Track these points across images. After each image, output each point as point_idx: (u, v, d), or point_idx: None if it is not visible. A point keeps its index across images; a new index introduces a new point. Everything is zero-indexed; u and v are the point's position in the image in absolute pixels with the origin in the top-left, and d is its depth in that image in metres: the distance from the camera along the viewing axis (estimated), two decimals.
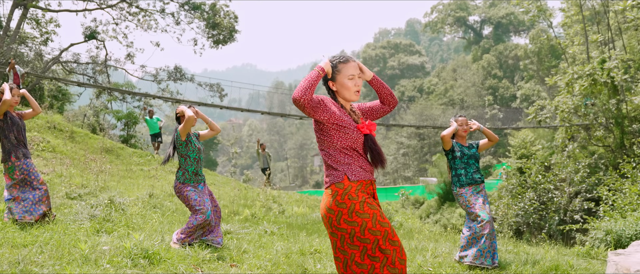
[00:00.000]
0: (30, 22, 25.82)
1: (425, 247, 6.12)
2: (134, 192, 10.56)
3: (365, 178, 3.09)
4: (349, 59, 3.28)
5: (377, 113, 3.42)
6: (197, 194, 5.41)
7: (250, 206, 10.33)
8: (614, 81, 18.24)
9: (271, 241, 5.81)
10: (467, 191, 5.89)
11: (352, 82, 3.22)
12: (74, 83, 25.08)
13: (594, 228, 11.20)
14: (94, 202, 5.79)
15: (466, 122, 6.00)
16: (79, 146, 14.21)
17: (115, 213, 5.71)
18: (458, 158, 5.95)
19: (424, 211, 29.65)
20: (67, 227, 4.94)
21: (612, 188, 14.43)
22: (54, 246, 4.00)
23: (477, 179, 5.93)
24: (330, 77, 3.27)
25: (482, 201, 5.85)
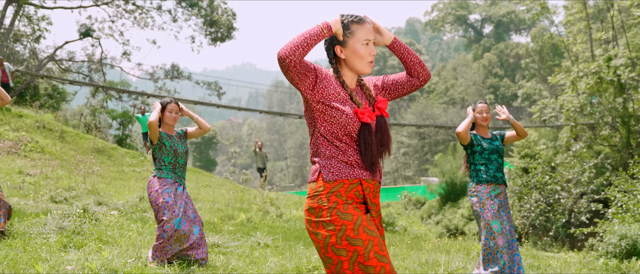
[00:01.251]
0: (22, 20, 25.32)
1: (436, 261, 5.58)
2: (124, 194, 10.08)
3: (348, 177, 2.40)
4: (364, 19, 2.54)
5: (403, 88, 2.68)
6: (170, 195, 4.72)
7: (246, 210, 9.84)
8: (620, 79, 17.85)
9: (264, 255, 5.26)
10: (484, 189, 5.09)
11: (366, 49, 2.50)
12: (66, 81, 24.56)
13: (605, 231, 10.73)
14: (66, 211, 5.24)
15: (487, 109, 5.19)
16: (69, 146, 13.69)
17: (88, 224, 5.14)
18: (477, 153, 5.18)
19: (425, 212, 29.18)
20: (29, 242, 4.35)
21: (622, 189, 13.96)
22: (8, 266, 3.48)
23: (499, 178, 5.13)
24: (339, 40, 2.52)
25: (498, 207, 5.04)
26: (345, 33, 2.50)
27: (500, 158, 5.22)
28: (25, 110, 15.29)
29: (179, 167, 4.95)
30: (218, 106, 27.29)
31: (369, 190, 2.47)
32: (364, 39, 2.49)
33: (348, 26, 2.50)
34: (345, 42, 2.50)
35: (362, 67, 2.52)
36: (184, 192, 4.90)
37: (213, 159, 67.31)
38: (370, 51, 2.52)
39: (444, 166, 29.01)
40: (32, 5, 24.80)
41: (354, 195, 2.42)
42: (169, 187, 4.80)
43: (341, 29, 2.50)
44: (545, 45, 46.57)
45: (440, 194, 28.94)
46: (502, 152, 5.24)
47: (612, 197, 13.70)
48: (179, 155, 4.95)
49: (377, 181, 2.53)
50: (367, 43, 2.50)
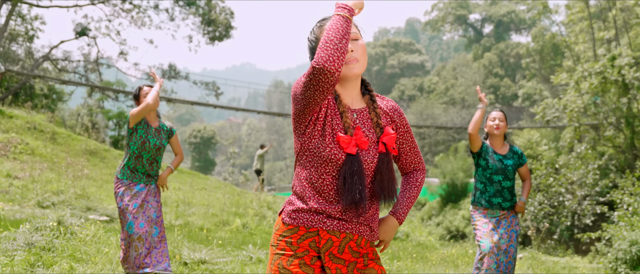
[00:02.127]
0: (15, 18, 24.98)
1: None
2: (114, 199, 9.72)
3: (306, 224, 1.98)
4: (326, 18, 2.13)
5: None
6: (126, 198, 4.32)
7: (242, 215, 9.48)
8: (625, 79, 17.56)
9: (255, 271, 4.88)
10: (477, 213, 4.59)
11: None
12: (58, 81, 24.19)
13: (613, 236, 10.39)
14: (40, 224, 4.83)
15: (500, 118, 4.66)
16: (60, 147, 13.32)
17: (61, 239, 4.73)
18: (481, 168, 4.61)
19: (425, 213, 28.88)
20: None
21: (628, 192, 13.62)
22: None
23: (496, 204, 4.51)
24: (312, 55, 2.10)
25: (493, 227, 4.46)
26: (315, 44, 2.12)
27: (507, 181, 4.59)
28: (16, 111, 14.92)
29: (143, 162, 4.45)
30: (215, 107, 26.97)
31: (329, 245, 1.99)
32: None
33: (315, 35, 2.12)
34: None
35: (344, 71, 2.05)
36: (144, 190, 4.43)
37: (212, 160, 67.05)
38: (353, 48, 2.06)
39: (445, 166, 28.70)
40: (27, 4, 24.46)
41: (308, 246, 1.99)
42: (123, 189, 4.39)
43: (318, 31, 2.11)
44: (546, 45, 46.27)
45: (440, 195, 28.63)
46: (510, 175, 4.60)
47: (618, 200, 13.37)
48: (146, 149, 4.45)
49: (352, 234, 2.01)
50: None
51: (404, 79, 69.04)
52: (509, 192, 4.58)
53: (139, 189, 4.40)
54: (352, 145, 1.98)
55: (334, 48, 1.85)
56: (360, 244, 2.05)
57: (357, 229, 2.03)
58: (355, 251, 2.04)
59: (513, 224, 4.56)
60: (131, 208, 4.28)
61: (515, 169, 4.63)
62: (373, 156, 2.04)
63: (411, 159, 2.25)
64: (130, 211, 4.28)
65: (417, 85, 66.16)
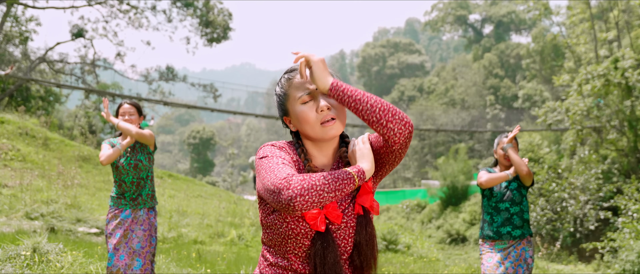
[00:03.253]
0: (10, 20, 24.72)
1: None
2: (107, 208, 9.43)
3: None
4: (294, 69, 1.76)
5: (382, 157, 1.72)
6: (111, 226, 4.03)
7: (237, 226, 9.20)
8: (628, 81, 17.31)
9: None
10: (487, 245, 4.22)
11: (310, 107, 1.70)
12: (54, 85, 23.89)
13: (621, 247, 10.15)
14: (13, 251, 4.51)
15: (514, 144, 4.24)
16: (52, 154, 13.01)
17: (36, 268, 4.40)
18: (486, 198, 4.30)
19: (425, 216, 28.64)
20: None
21: (633, 198, 13.37)
22: None
23: (505, 234, 4.15)
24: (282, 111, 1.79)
25: (499, 259, 4.11)
26: (282, 100, 1.78)
27: (515, 206, 4.21)
28: (8, 115, 14.62)
29: (127, 186, 4.11)
30: (212, 110, 26.72)
31: None
32: (298, 95, 1.71)
33: (282, 88, 1.78)
34: (287, 110, 1.77)
35: (315, 133, 1.69)
36: (129, 218, 4.09)
37: (211, 161, 66.80)
38: (318, 107, 1.69)
39: (446, 169, 28.43)
40: (22, 5, 24.18)
41: None
42: (110, 215, 4.10)
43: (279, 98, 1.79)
44: (547, 45, 46.09)
45: (441, 198, 28.39)
46: (517, 199, 4.22)
47: (622, 206, 13.13)
48: (122, 173, 4.11)
49: None
50: (306, 101, 1.71)
51: (404, 80, 68.81)
52: (519, 218, 4.22)
53: (124, 217, 4.08)
54: (320, 221, 1.61)
55: (317, 198, 1.50)
56: None
57: None
58: None
59: (522, 256, 4.18)
60: (113, 239, 3.99)
61: (521, 189, 4.27)
62: (350, 227, 1.67)
63: None
64: (111, 241, 4.00)
65: (417, 86, 65.93)
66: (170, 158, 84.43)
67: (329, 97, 1.67)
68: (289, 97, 1.73)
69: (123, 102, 4.30)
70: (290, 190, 1.48)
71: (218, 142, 69.72)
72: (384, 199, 35.57)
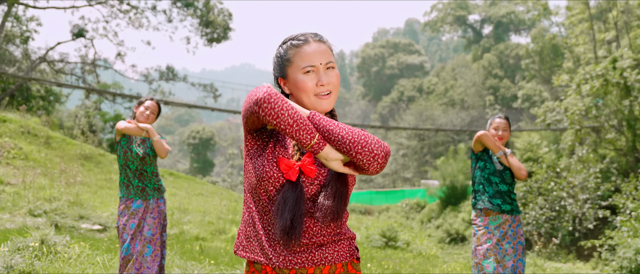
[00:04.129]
0: (11, 20, 24.81)
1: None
2: (109, 205, 9.52)
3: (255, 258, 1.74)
4: (308, 39, 1.83)
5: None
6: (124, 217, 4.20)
7: (238, 223, 9.27)
8: (627, 81, 17.40)
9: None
10: (481, 221, 4.36)
11: (311, 78, 1.79)
12: (54, 84, 23.98)
13: (618, 245, 10.22)
14: (21, 243, 4.62)
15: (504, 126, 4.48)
16: (54, 152, 13.10)
17: (44, 260, 4.52)
18: (479, 170, 4.49)
19: (425, 216, 28.71)
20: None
21: (631, 196, 13.45)
22: None
23: (495, 205, 4.34)
24: (281, 72, 1.85)
25: (497, 240, 4.24)
26: (282, 62, 1.85)
27: (504, 184, 4.42)
28: (10, 114, 14.71)
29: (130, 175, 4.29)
30: (213, 109, 26.81)
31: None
32: (303, 65, 1.79)
33: (285, 53, 1.84)
34: (285, 73, 1.84)
35: (310, 102, 1.79)
36: (141, 207, 4.26)
37: (211, 161, 66.82)
38: (318, 80, 1.79)
39: (445, 169, 28.53)
40: (23, 5, 24.27)
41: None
42: (122, 207, 4.26)
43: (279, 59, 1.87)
44: (546, 46, 46.17)
45: (440, 197, 28.47)
46: (507, 179, 4.44)
47: (620, 204, 13.20)
48: (129, 159, 4.29)
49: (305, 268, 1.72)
50: (310, 70, 1.80)
51: (403, 80, 68.90)
52: (507, 196, 4.42)
53: (136, 207, 4.25)
54: (293, 171, 1.71)
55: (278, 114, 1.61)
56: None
57: (309, 258, 1.73)
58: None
59: (518, 234, 4.38)
60: (128, 229, 4.16)
61: (512, 174, 4.48)
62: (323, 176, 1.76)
63: None
64: (127, 231, 4.16)
65: (417, 86, 66.01)
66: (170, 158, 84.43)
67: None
68: (293, 64, 1.81)
69: (146, 97, 4.42)
70: (266, 93, 1.60)
71: (218, 142, 69.75)
72: (383, 199, 35.66)
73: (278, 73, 1.87)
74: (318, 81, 1.79)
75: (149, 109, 4.34)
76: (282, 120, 1.61)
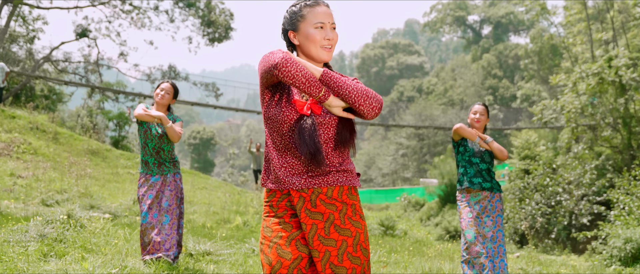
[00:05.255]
0: (17, 20, 25.11)
1: (440, 269, 5.36)
2: (118, 197, 9.85)
3: (279, 186, 2.17)
4: (319, 2, 2.29)
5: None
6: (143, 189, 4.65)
7: (242, 213, 9.62)
8: (622, 79, 17.67)
9: (258, 263, 5.04)
10: (464, 197, 4.94)
11: (320, 33, 2.24)
12: (61, 82, 24.32)
13: (609, 235, 10.54)
14: (49, 217, 5.01)
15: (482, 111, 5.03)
16: (62, 147, 13.44)
17: (71, 231, 4.92)
18: (460, 154, 5.02)
19: (424, 214, 28.99)
20: (6, 251, 4.13)
21: (625, 191, 13.75)
22: None
23: (476, 184, 4.86)
24: (292, 26, 2.29)
25: (477, 214, 4.79)
26: (296, 18, 2.28)
27: (484, 163, 4.96)
28: (18, 111, 15.03)
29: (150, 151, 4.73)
30: (215, 107, 27.11)
31: (301, 202, 2.15)
32: (315, 21, 2.24)
33: (300, 10, 2.28)
34: (297, 27, 2.28)
35: (316, 52, 2.24)
36: (159, 180, 4.73)
37: (211, 161, 67.10)
38: (325, 35, 2.24)
39: (443, 167, 28.83)
40: (28, 5, 24.59)
41: (285, 206, 2.21)
42: (142, 180, 4.73)
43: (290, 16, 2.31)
44: (544, 46, 46.40)
45: (439, 196, 28.75)
46: (486, 158, 4.97)
47: (615, 200, 13.50)
48: (149, 137, 4.72)
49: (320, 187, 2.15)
50: (320, 26, 2.24)
51: (403, 80, 69.21)
52: (487, 174, 4.95)
53: (155, 181, 4.71)
54: (306, 107, 2.17)
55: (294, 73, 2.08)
56: (332, 196, 2.17)
57: (324, 181, 2.16)
58: (330, 203, 2.16)
59: (497, 208, 4.90)
60: (146, 199, 4.61)
61: (491, 154, 5.01)
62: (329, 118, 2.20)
63: None
64: (145, 201, 4.62)
65: (416, 86, 66.32)
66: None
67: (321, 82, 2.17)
68: (306, 19, 2.25)
69: (163, 80, 4.83)
70: (283, 59, 2.07)
71: (218, 142, 69.96)
72: (383, 198, 35.95)
73: (290, 26, 2.30)
74: (325, 35, 2.24)
75: (163, 90, 4.78)
76: (297, 79, 2.07)
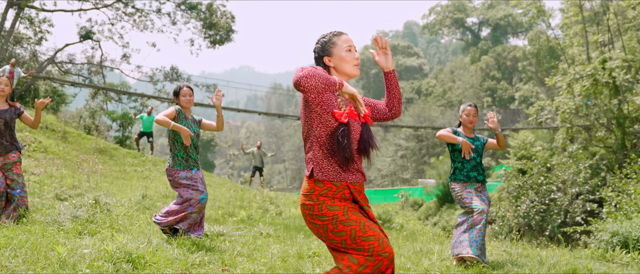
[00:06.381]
0: (24, 22, 25.53)
1: (430, 250, 5.81)
2: (126, 193, 10.26)
3: (335, 180, 2.72)
4: (342, 32, 2.98)
5: (377, 114, 3.07)
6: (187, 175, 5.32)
7: (246, 208, 10.04)
8: (616, 81, 18.01)
9: (267, 243, 5.50)
10: (459, 186, 5.49)
11: (350, 54, 2.90)
12: (68, 83, 24.77)
13: (598, 229, 10.92)
14: (78, 202, 5.49)
15: (474, 113, 5.55)
16: (71, 146, 13.89)
17: (100, 214, 5.43)
18: (457, 152, 5.52)
19: (423, 213, 29.41)
20: (45, 229, 4.63)
21: (616, 189, 14.13)
22: (30, 249, 3.71)
23: (472, 177, 5.46)
24: (326, 52, 2.93)
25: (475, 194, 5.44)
26: (328, 46, 2.91)
27: (479, 157, 5.53)
28: (27, 111, 15.48)
29: (192, 150, 5.41)
30: None
31: (355, 191, 2.79)
32: (345, 46, 2.89)
33: (330, 40, 2.91)
34: (331, 53, 2.90)
35: (350, 69, 2.89)
36: (198, 174, 5.44)
37: (211, 162, 67.41)
38: (354, 55, 2.90)
39: (441, 167, 29.25)
40: (33, 8, 25.00)
41: (340, 196, 2.75)
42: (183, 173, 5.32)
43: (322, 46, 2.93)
44: (543, 48, 46.78)
45: (437, 195, 29.16)
46: (480, 152, 5.55)
47: (607, 197, 13.87)
48: (192, 138, 5.38)
49: (361, 182, 2.85)
50: (349, 49, 2.89)
51: (402, 82, 69.59)
52: (480, 167, 5.54)
53: (196, 172, 5.44)
54: (344, 116, 2.74)
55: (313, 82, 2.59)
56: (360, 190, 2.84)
57: (360, 178, 2.83)
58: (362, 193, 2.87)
59: (487, 197, 5.52)
60: (199, 185, 5.30)
61: (482, 147, 5.59)
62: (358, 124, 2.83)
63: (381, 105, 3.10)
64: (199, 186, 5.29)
65: (415, 88, 66.72)
66: None
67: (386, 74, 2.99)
68: (336, 45, 2.90)
69: (183, 84, 5.49)
70: (297, 78, 2.60)
71: (218, 143, 70.27)
72: (381, 198, 36.32)
73: (325, 53, 2.92)
74: (354, 56, 2.91)
75: (186, 95, 5.50)
76: (317, 86, 2.61)
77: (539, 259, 5.29)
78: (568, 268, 4.83)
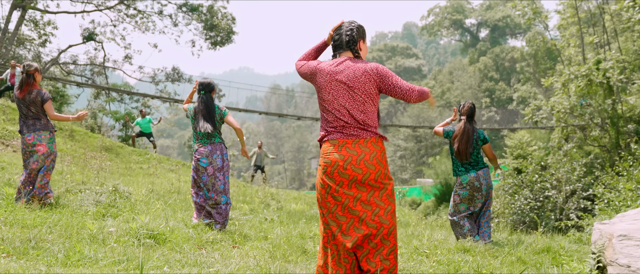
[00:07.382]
0: (28, 24, 25.93)
1: (421, 233, 6.24)
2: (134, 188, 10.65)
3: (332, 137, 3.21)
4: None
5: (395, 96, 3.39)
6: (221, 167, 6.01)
7: (249, 202, 10.43)
8: (610, 81, 18.33)
9: (271, 226, 5.96)
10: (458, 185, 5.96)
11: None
12: (71, 83, 25.17)
13: (588, 224, 11.32)
14: (99, 190, 5.96)
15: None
16: (78, 144, 14.30)
17: (119, 200, 5.91)
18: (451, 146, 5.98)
19: (421, 212, 29.67)
20: (73, 211, 5.12)
21: (608, 186, 14.48)
22: (63, 227, 4.16)
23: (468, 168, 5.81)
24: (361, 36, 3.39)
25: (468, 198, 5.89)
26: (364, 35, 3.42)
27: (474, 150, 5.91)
28: None
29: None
30: None
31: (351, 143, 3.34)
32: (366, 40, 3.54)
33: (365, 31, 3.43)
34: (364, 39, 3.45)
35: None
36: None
37: None
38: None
39: (439, 167, 29.57)
40: (38, 10, 25.40)
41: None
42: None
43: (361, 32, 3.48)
44: (540, 49, 47.10)
45: (435, 194, 29.47)
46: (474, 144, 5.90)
47: (598, 194, 14.22)
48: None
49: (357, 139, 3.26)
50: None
51: None
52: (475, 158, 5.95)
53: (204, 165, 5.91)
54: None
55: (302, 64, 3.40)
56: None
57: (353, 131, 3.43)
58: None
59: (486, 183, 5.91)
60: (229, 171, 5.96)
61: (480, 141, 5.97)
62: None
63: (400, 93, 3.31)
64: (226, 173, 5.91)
65: None
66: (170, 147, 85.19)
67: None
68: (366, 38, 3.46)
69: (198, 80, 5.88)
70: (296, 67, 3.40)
71: None
72: None
73: (362, 37, 3.40)
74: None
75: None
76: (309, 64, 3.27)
77: (519, 240, 5.72)
78: (543, 246, 5.27)
